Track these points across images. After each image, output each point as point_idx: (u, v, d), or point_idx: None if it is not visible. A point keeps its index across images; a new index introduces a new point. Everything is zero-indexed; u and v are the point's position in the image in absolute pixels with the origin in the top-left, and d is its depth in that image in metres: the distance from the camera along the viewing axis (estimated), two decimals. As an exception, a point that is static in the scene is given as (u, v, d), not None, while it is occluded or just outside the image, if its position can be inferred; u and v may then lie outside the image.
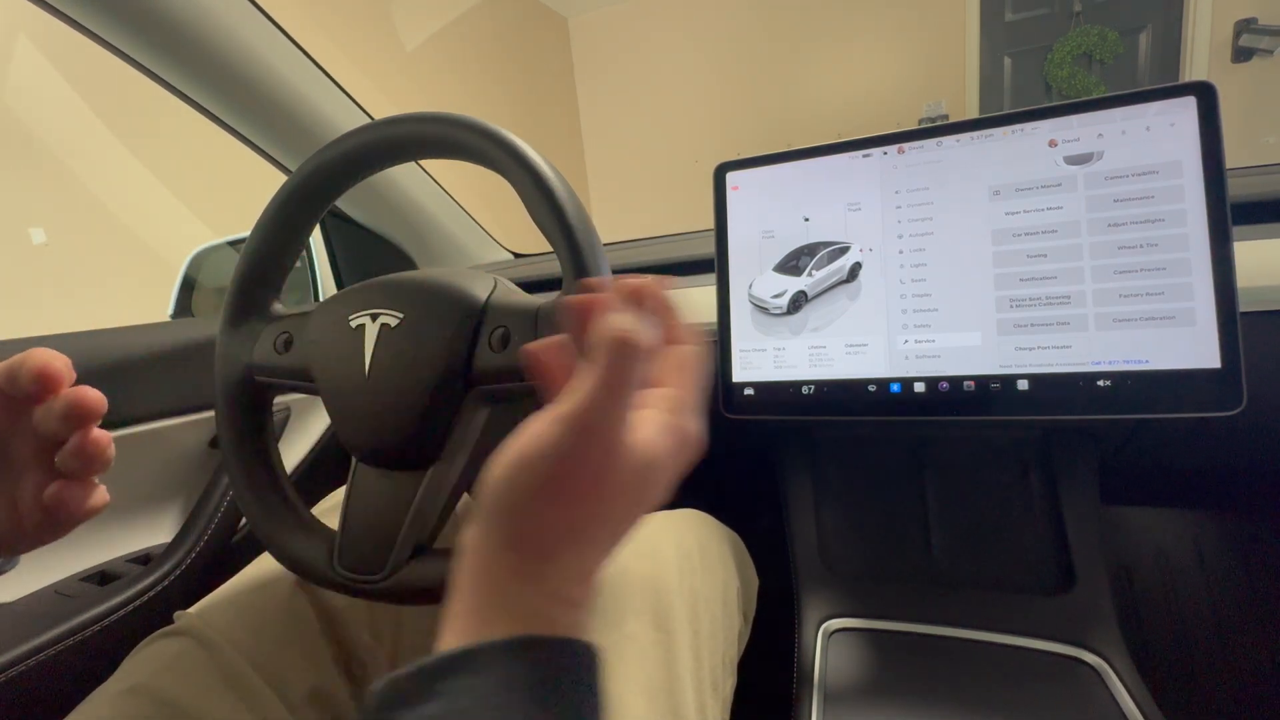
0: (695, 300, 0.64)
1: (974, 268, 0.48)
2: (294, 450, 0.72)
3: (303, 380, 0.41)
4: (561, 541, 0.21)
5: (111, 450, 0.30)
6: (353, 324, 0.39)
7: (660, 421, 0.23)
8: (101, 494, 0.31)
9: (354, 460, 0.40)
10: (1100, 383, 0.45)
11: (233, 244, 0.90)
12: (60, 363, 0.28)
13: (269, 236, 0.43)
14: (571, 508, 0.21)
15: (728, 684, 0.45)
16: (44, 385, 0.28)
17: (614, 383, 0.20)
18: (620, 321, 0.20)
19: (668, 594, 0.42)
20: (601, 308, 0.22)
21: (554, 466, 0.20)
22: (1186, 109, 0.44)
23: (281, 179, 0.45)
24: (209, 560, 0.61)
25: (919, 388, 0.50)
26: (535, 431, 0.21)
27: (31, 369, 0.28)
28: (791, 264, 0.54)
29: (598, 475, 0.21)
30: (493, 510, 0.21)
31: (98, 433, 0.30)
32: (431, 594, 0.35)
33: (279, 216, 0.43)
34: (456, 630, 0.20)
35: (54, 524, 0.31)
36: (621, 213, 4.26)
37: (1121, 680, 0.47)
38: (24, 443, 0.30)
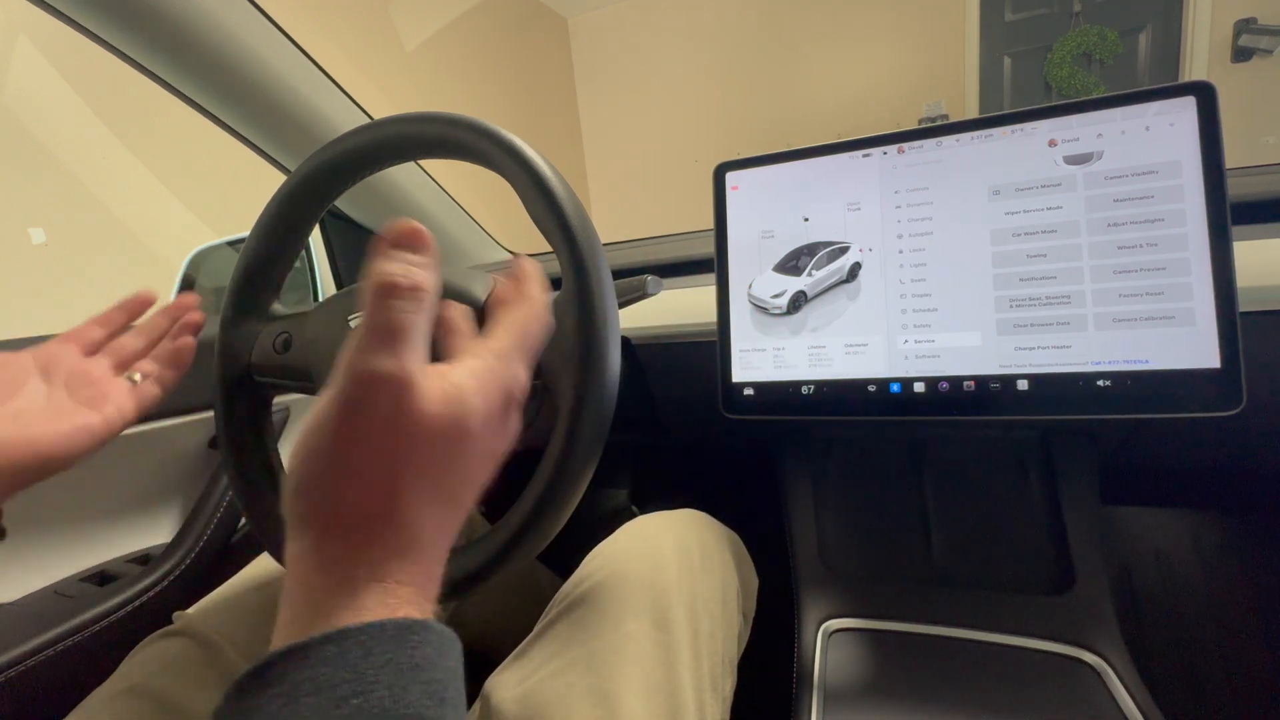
0: (695, 300, 0.64)
1: (973, 267, 0.48)
2: (294, 450, 0.72)
3: (302, 380, 0.41)
4: (374, 514, 0.19)
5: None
6: (352, 324, 0.39)
7: (469, 365, 0.22)
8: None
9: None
10: (1100, 383, 0.45)
11: (232, 244, 0.90)
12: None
13: (268, 236, 0.43)
14: (371, 472, 0.19)
15: (728, 684, 0.45)
16: (136, 312, 0.42)
17: (378, 323, 0.19)
18: (381, 265, 0.20)
19: (667, 594, 0.42)
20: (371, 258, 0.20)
21: (337, 425, 0.19)
22: (1186, 109, 0.44)
23: (281, 179, 0.45)
24: (208, 560, 0.61)
25: (919, 388, 0.50)
26: (316, 406, 0.20)
27: (131, 304, 0.42)
28: (791, 264, 0.54)
29: (389, 427, 0.19)
30: (290, 501, 0.19)
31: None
32: None
33: (278, 216, 0.43)
34: (274, 648, 0.18)
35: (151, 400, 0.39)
36: (621, 213, 4.26)
37: (1121, 680, 0.47)
38: (100, 362, 0.39)
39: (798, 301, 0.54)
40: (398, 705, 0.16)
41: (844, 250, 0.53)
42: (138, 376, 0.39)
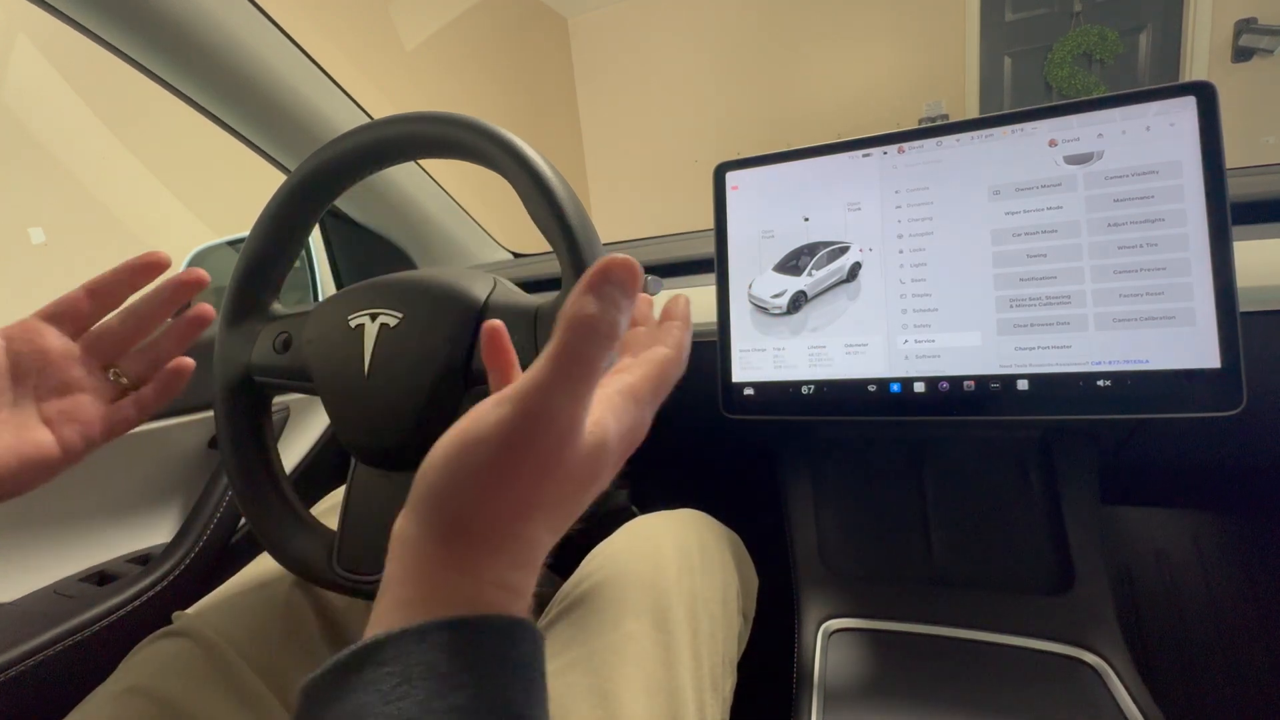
0: (695, 300, 0.64)
1: (974, 267, 0.48)
2: (293, 450, 0.72)
3: (302, 380, 0.41)
4: (502, 529, 0.20)
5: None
6: (352, 324, 0.39)
7: (614, 404, 0.22)
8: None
9: (353, 460, 0.40)
10: (1100, 383, 0.45)
11: (232, 244, 0.90)
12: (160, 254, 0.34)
13: (268, 236, 0.43)
14: (514, 493, 0.19)
15: (727, 684, 0.45)
16: (147, 274, 0.35)
17: (569, 364, 0.19)
18: (583, 303, 0.19)
19: (667, 594, 0.42)
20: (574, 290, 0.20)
21: (499, 449, 0.19)
22: (1186, 109, 0.44)
23: (281, 179, 0.45)
24: (208, 560, 0.61)
25: (919, 388, 0.50)
26: (480, 413, 0.20)
27: (137, 263, 0.34)
28: (791, 264, 0.54)
29: (545, 459, 0.19)
30: (429, 496, 0.20)
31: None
32: None
33: (278, 216, 0.43)
34: (383, 627, 0.19)
35: (129, 423, 0.35)
36: (621, 213, 4.26)
37: (1121, 680, 0.47)
38: (81, 360, 0.34)
39: (798, 301, 0.54)
40: (504, 702, 0.17)
41: (844, 250, 0.53)
42: (125, 380, 0.35)
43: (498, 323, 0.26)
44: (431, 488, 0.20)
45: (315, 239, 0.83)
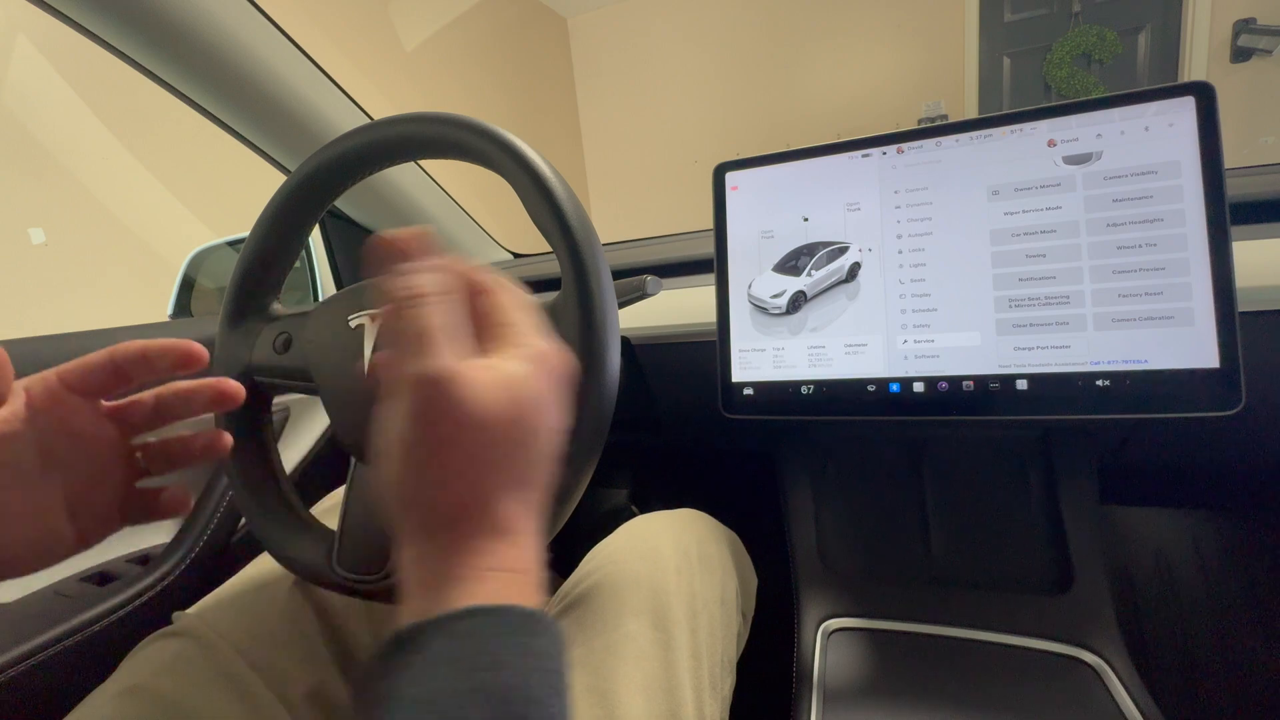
0: (695, 300, 0.64)
1: (973, 268, 0.48)
2: (293, 450, 0.72)
3: (302, 380, 0.41)
4: (474, 506, 0.21)
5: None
6: (352, 324, 0.39)
7: (519, 353, 0.23)
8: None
9: (353, 460, 0.40)
10: (1099, 382, 0.45)
11: (232, 244, 0.90)
12: (196, 348, 0.29)
13: (268, 236, 0.43)
14: (454, 469, 0.20)
15: (727, 684, 0.45)
16: (183, 365, 0.29)
17: (404, 336, 0.20)
18: (380, 285, 0.21)
19: (666, 594, 0.42)
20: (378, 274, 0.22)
21: (408, 439, 0.20)
22: (1185, 109, 0.44)
23: (281, 179, 0.45)
24: (208, 560, 0.61)
25: (918, 388, 0.50)
26: (384, 426, 0.21)
27: (174, 351, 0.28)
28: (791, 264, 0.54)
29: (452, 425, 0.20)
30: (401, 516, 0.21)
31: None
32: None
33: (278, 216, 0.43)
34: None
35: (150, 516, 0.31)
36: (621, 213, 4.26)
37: (1121, 680, 0.47)
38: (106, 437, 0.29)
39: (797, 301, 0.54)
40: (523, 688, 0.18)
41: (843, 250, 0.53)
42: (145, 466, 0.31)
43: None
44: (399, 503, 0.21)
45: (315, 239, 0.84)
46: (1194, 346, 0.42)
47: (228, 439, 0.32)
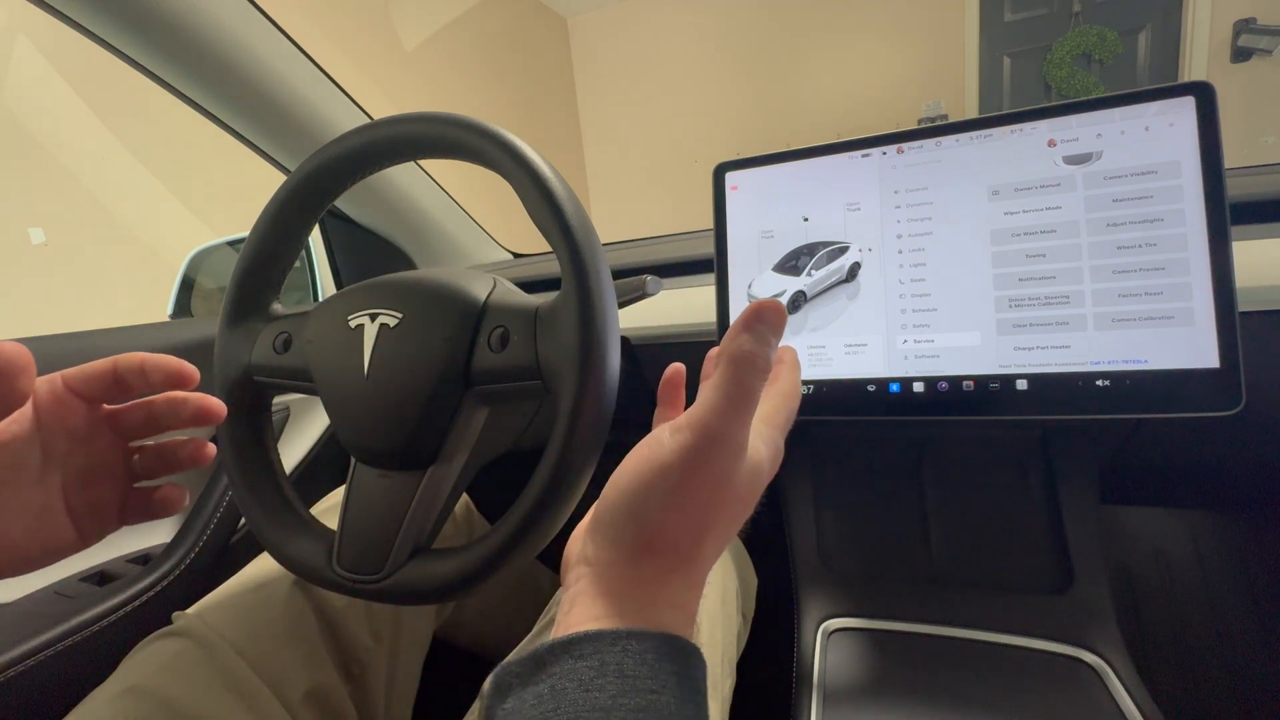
0: (695, 300, 0.64)
1: (973, 268, 0.48)
2: (293, 450, 0.72)
3: (302, 380, 0.41)
4: (683, 549, 0.22)
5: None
6: (352, 324, 0.39)
7: (760, 432, 0.25)
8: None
9: (353, 460, 0.40)
10: (1099, 382, 0.45)
11: (232, 244, 0.90)
12: (188, 367, 0.31)
13: (268, 236, 0.43)
14: (692, 514, 0.22)
15: (727, 684, 0.45)
16: (175, 383, 0.30)
17: (738, 395, 0.21)
18: (741, 340, 0.22)
19: (667, 594, 0.42)
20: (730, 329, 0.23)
21: (682, 473, 0.22)
22: (1185, 109, 0.44)
23: (281, 179, 0.45)
24: (208, 560, 0.61)
25: (918, 388, 0.50)
26: (659, 440, 0.22)
27: (168, 368, 0.30)
28: (790, 264, 0.54)
29: (719, 480, 0.22)
30: (617, 520, 0.23)
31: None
32: (429, 594, 0.35)
33: (278, 216, 0.43)
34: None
35: (147, 515, 0.33)
36: (621, 213, 4.26)
37: (1121, 680, 0.47)
38: (104, 439, 0.31)
39: (797, 301, 0.54)
40: (679, 714, 0.19)
41: (843, 250, 0.53)
42: (142, 471, 0.32)
43: (680, 366, 0.31)
44: (618, 511, 0.23)
45: (315, 239, 0.83)
46: (1194, 346, 0.42)
47: (211, 449, 0.33)
